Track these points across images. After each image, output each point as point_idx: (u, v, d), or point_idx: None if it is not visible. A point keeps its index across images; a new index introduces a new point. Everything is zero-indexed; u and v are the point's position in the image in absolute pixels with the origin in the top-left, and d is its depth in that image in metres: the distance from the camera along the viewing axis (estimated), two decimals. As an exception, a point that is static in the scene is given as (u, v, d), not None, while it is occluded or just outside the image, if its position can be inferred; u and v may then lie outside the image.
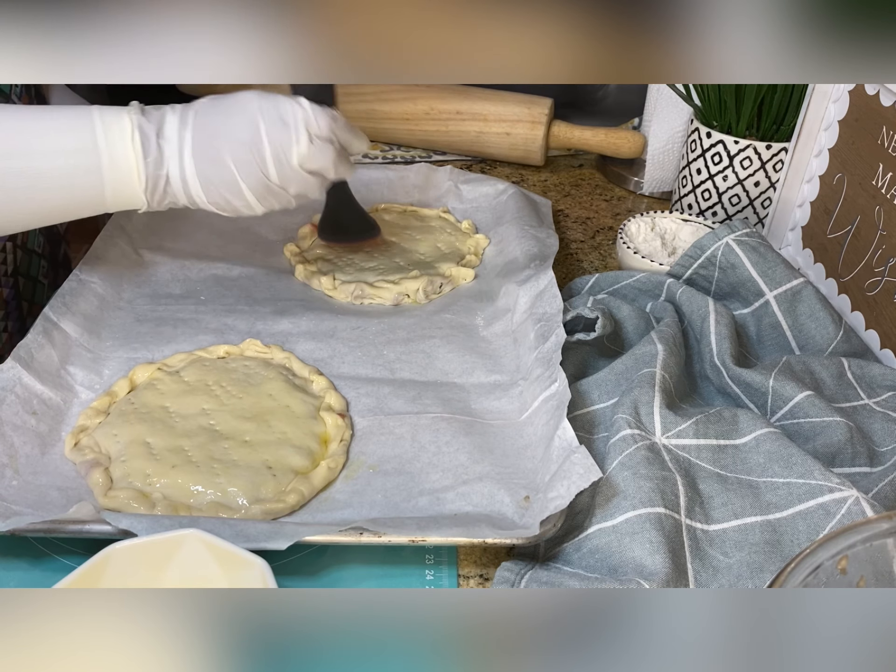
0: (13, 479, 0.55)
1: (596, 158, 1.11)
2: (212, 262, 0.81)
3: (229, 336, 0.71)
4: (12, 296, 0.82)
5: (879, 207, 0.70)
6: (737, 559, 0.52)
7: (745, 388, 0.64)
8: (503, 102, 1.05)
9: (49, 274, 0.88)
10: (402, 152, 1.10)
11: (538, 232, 0.82)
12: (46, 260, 0.88)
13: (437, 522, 0.52)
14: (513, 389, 0.66)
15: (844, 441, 0.58)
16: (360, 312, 0.76)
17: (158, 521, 0.49)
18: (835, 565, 0.38)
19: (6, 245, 0.80)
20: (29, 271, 0.85)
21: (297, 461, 0.58)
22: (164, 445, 0.58)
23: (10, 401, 0.58)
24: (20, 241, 0.82)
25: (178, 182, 0.60)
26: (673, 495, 0.53)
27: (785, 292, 0.71)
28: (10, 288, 0.82)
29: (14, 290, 0.83)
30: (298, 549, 0.52)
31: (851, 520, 0.51)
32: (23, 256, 0.83)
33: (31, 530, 0.49)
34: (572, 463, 0.52)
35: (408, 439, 0.61)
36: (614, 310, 0.72)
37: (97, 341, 0.68)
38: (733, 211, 0.90)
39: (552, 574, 0.50)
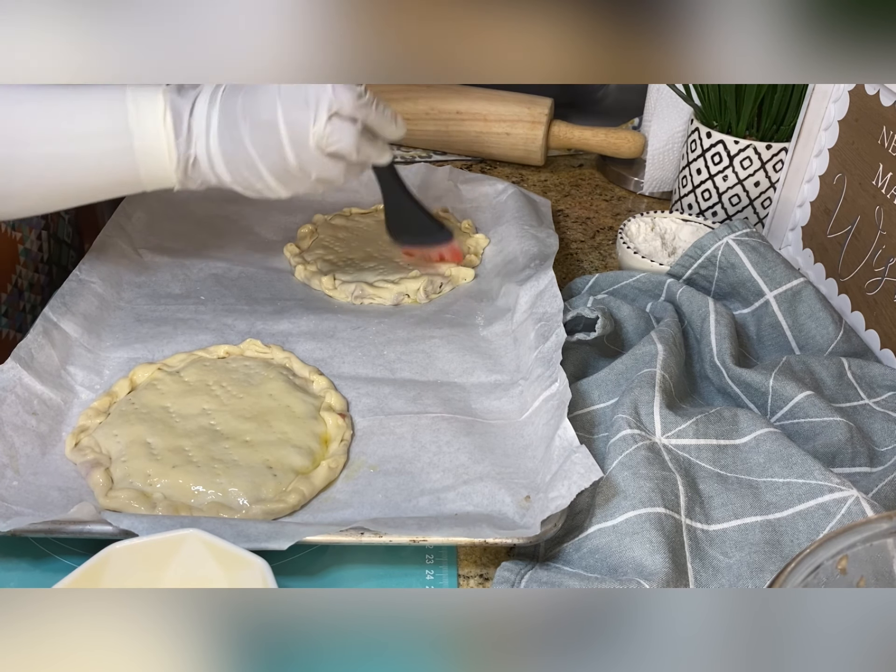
0: (14, 479, 0.55)
1: (596, 158, 1.11)
2: (212, 262, 0.81)
3: (229, 336, 0.71)
4: (48, 282, 0.85)
5: (879, 207, 0.70)
6: (737, 559, 0.52)
7: (745, 388, 0.64)
8: (503, 102, 1.05)
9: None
10: (402, 152, 1.10)
11: (538, 232, 0.82)
12: (75, 251, 0.91)
13: (438, 522, 0.52)
14: (513, 389, 0.66)
15: (844, 441, 0.58)
16: (361, 312, 0.76)
17: (159, 521, 0.49)
18: (835, 565, 0.38)
19: (41, 234, 0.82)
20: (60, 260, 0.87)
21: (298, 461, 0.58)
22: (164, 446, 0.58)
23: (11, 401, 0.58)
24: (53, 231, 0.85)
25: (206, 161, 0.59)
26: (673, 495, 0.53)
27: (785, 292, 0.71)
28: (45, 275, 0.84)
29: (49, 277, 0.85)
30: (299, 549, 0.52)
31: (851, 520, 0.51)
32: (54, 245, 0.85)
33: (32, 531, 0.49)
34: (573, 463, 0.52)
35: (408, 439, 0.61)
36: (614, 310, 0.72)
37: (97, 341, 0.68)
38: (733, 211, 0.90)
39: (552, 574, 0.50)
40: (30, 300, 0.82)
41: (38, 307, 0.83)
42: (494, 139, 1.05)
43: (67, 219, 0.90)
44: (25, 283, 0.81)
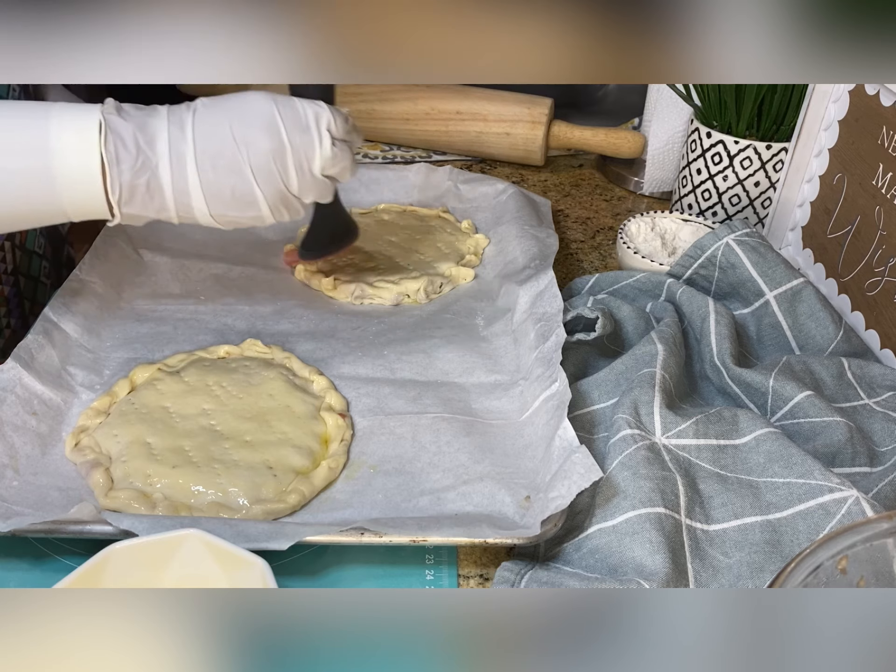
0: (14, 479, 0.55)
1: (596, 158, 1.11)
2: (212, 262, 0.81)
3: (229, 336, 0.71)
4: (13, 293, 0.83)
5: (879, 207, 0.70)
6: (737, 559, 0.52)
7: (745, 388, 0.64)
8: (503, 102, 1.05)
9: (51, 274, 0.89)
10: (402, 152, 1.10)
11: (538, 231, 0.82)
12: (48, 261, 0.89)
13: (439, 522, 0.52)
14: (513, 389, 0.66)
15: (844, 441, 0.58)
16: (361, 312, 0.76)
17: (159, 521, 0.49)
18: (835, 565, 0.38)
19: (4, 244, 0.80)
20: (29, 271, 0.85)
21: (298, 461, 0.58)
22: (164, 446, 0.58)
23: (11, 401, 0.58)
24: (18, 241, 0.82)
25: (171, 192, 0.55)
26: (673, 495, 0.53)
27: (785, 292, 0.71)
28: (10, 286, 0.82)
29: (15, 287, 0.83)
30: (299, 549, 0.52)
31: (851, 520, 0.51)
32: (22, 256, 0.83)
33: (32, 531, 0.49)
34: (573, 462, 0.52)
35: (408, 439, 0.61)
36: (614, 310, 0.72)
37: (97, 341, 0.68)
38: (733, 211, 0.90)
39: (552, 574, 0.50)
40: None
41: (3, 318, 0.80)
42: (494, 139, 1.05)
43: (39, 230, 0.86)
44: None
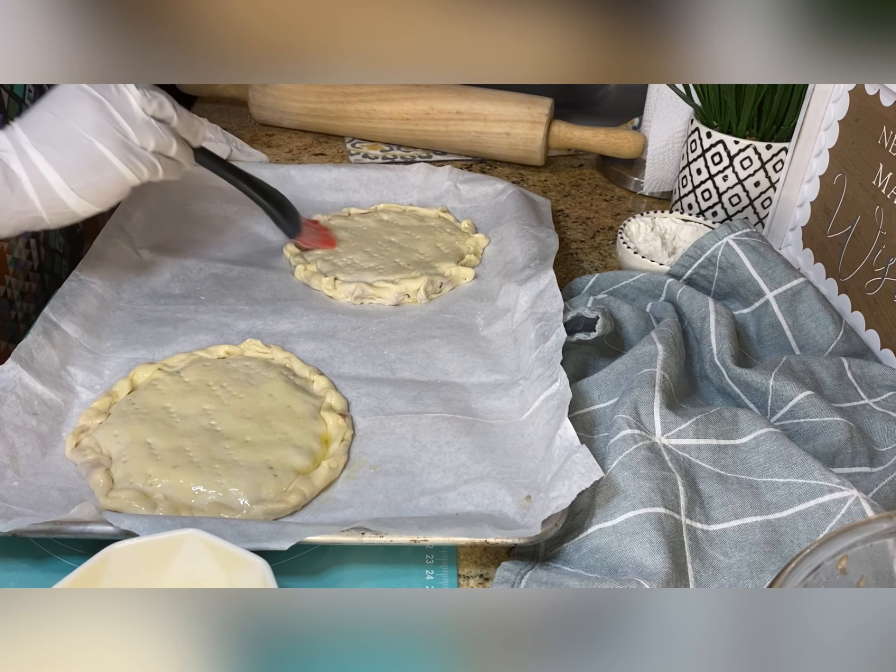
0: (14, 479, 0.55)
1: (596, 158, 1.11)
2: (212, 262, 0.81)
3: (229, 336, 0.71)
4: (40, 290, 0.85)
5: (879, 207, 0.70)
6: (737, 559, 0.52)
7: (745, 388, 0.64)
8: (503, 102, 1.05)
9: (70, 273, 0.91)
10: (402, 152, 1.10)
11: (538, 231, 0.82)
12: (67, 260, 0.91)
13: (439, 522, 0.52)
14: (513, 389, 0.66)
15: (844, 441, 0.58)
16: (361, 312, 0.76)
17: (160, 521, 0.49)
18: (835, 565, 0.38)
19: (30, 241, 0.82)
20: (52, 268, 0.87)
21: (299, 461, 0.58)
22: (165, 446, 0.58)
23: (11, 401, 0.58)
24: (42, 239, 0.85)
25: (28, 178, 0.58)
26: (673, 495, 0.53)
27: (785, 292, 0.71)
28: (37, 283, 0.84)
29: (41, 284, 0.85)
30: (299, 549, 0.52)
31: (851, 520, 0.51)
32: (46, 254, 0.85)
33: (33, 531, 0.49)
34: (573, 462, 0.52)
35: (409, 439, 0.61)
36: (614, 310, 0.72)
37: (97, 341, 0.68)
38: (733, 211, 0.90)
39: (552, 574, 0.50)
40: (22, 309, 0.82)
41: (31, 315, 0.82)
42: (494, 139, 1.05)
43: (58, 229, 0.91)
44: (16, 293, 0.81)
